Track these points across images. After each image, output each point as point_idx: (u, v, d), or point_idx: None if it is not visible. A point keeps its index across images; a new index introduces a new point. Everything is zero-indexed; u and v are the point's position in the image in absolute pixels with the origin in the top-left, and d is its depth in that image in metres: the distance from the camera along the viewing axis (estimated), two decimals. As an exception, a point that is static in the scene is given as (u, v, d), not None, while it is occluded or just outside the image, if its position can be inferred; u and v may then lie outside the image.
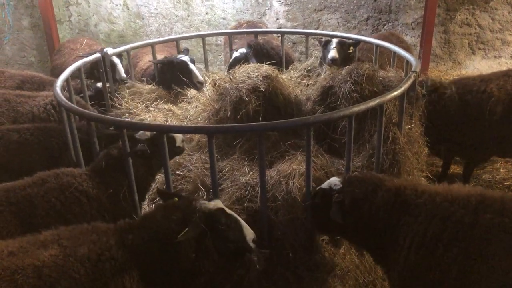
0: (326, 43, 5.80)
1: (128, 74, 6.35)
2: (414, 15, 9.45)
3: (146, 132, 3.77)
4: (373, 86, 4.38)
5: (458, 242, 2.71)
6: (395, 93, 3.74)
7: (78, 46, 7.78)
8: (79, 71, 5.21)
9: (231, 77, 4.58)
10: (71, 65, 5.20)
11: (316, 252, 3.55)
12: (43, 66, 10.48)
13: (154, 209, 3.35)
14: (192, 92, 5.83)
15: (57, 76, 4.75)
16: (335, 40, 5.73)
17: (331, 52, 5.54)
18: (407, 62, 4.82)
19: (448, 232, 2.75)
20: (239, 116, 4.32)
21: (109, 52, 5.89)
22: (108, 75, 5.84)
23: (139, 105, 5.59)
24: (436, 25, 9.27)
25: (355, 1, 9.58)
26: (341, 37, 6.14)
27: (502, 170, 6.13)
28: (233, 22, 9.64)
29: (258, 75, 4.47)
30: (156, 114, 5.34)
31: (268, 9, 9.94)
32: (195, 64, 6.16)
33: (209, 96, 4.90)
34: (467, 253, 2.68)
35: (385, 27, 9.61)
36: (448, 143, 5.44)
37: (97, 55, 5.70)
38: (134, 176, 3.62)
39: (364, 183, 3.14)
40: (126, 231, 2.77)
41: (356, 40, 5.94)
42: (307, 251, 3.50)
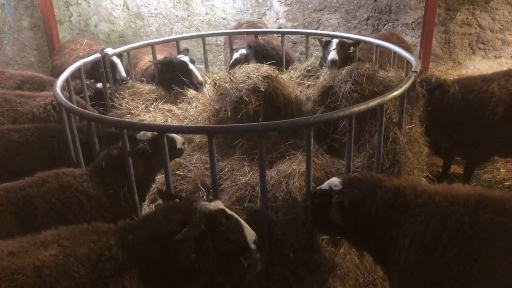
0: (326, 44, 5.79)
1: (128, 74, 6.35)
2: (414, 15, 9.45)
3: (148, 133, 3.77)
4: (373, 86, 4.38)
5: (458, 242, 2.71)
6: (396, 93, 3.74)
7: (78, 46, 7.77)
8: (79, 71, 5.21)
9: (231, 77, 4.58)
10: (71, 65, 5.20)
11: (317, 252, 3.55)
12: (43, 67, 10.48)
13: (154, 209, 3.37)
14: (192, 92, 5.82)
15: (57, 76, 4.75)
16: (335, 41, 5.71)
17: (331, 54, 5.54)
18: (408, 62, 4.82)
19: (448, 232, 2.75)
20: (239, 116, 4.32)
21: (109, 53, 5.89)
22: (108, 75, 5.84)
23: (139, 105, 5.59)
24: (436, 25, 9.27)
25: (355, 1, 9.58)
26: (341, 37, 6.13)
27: (502, 170, 6.12)
28: (233, 22, 9.63)
29: (258, 75, 4.47)
30: (156, 115, 5.34)
31: (268, 9, 9.94)
32: (195, 64, 6.15)
33: (209, 96, 4.90)
34: (467, 253, 2.68)
35: (385, 27, 9.61)
36: (449, 141, 5.44)
37: (97, 55, 5.70)
38: (134, 177, 3.61)
39: (364, 184, 3.15)
40: (126, 231, 2.76)
41: (356, 40, 5.93)
42: (308, 251, 3.49)
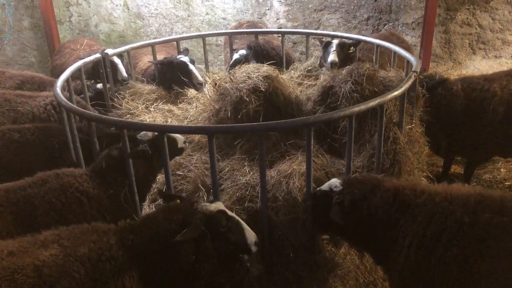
0: (326, 45, 5.76)
1: (129, 74, 6.35)
2: (414, 15, 9.44)
3: (148, 133, 3.76)
4: (373, 86, 4.37)
5: (457, 242, 2.71)
6: (396, 93, 3.74)
7: (79, 46, 7.77)
8: (79, 72, 5.22)
9: (232, 77, 4.58)
10: (71, 65, 5.20)
11: (317, 252, 3.55)
12: (44, 67, 10.48)
13: (155, 210, 3.37)
14: (192, 92, 5.83)
15: (58, 76, 4.75)
16: (335, 42, 5.69)
17: (331, 56, 5.52)
18: (408, 62, 4.82)
19: (448, 232, 2.75)
20: (239, 116, 4.32)
21: (109, 53, 5.89)
22: (108, 76, 5.84)
23: (139, 105, 5.59)
24: (436, 25, 9.27)
25: (355, 1, 9.58)
26: (342, 37, 6.13)
27: (503, 170, 6.12)
28: (234, 22, 9.63)
29: (258, 75, 4.47)
30: (156, 115, 5.34)
31: (268, 9, 9.93)
32: (195, 64, 6.15)
33: (210, 96, 4.90)
34: (467, 253, 2.68)
35: (385, 27, 9.60)
36: (450, 140, 5.43)
37: (97, 56, 5.70)
38: (135, 177, 3.61)
39: (363, 184, 3.16)
40: (127, 231, 2.76)
41: (356, 40, 5.93)
42: (308, 251, 3.49)
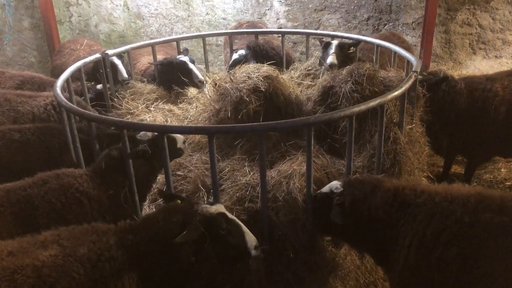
0: (326, 45, 5.71)
1: (129, 74, 6.34)
2: (414, 15, 9.44)
3: (148, 133, 3.76)
4: (373, 86, 4.37)
5: (457, 242, 2.71)
6: (396, 93, 3.74)
7: (79, 46, 7.75)
8: (79, 72, 5.21)
9: (232, 77, 4.57)
10: (71, 65, 5.20)
11: (317, 253, 3.54)
12: (44, 67, 10.48)
13: (155, 210, 3.36)
14: (193, 92, 5.82)
15: (58, 76, 4.75)
16: (334, 43, 5.64)
17: (330, 58, 5.47)
18: (408, 62, 4.81)
19: (448, 232, 2.74)
20: (239, 116, 4.31)
21: (109, 53, 5.88)
22: (108, 76, 5.84)
23: (139, 105, 5.59)
24: (436, 25, 9.26)
25: (355, 1, 9.57)
26: (342, 37, 6.12)
27: (503, 170, 6.11)
28: (234, 22, 9.63)
29: (258, 75, 4.46)
30: (156, 115, 5.33)
31: (268, 9, 9.93)
32: (195, 64, 6.15)
33: (210, 96, 4.90)
34: (467, 253, 2.68)
35: (385, 27, 9.60)
36: (451, 138, 5.42)
37: (97, 56, 5.70)
38: (135, 177, 3.61)
39: (363, 185, 3.17)
40: (126, 232, 2.76)
41: (356, 40, 5.91)
42: (308, 251, 3.49)
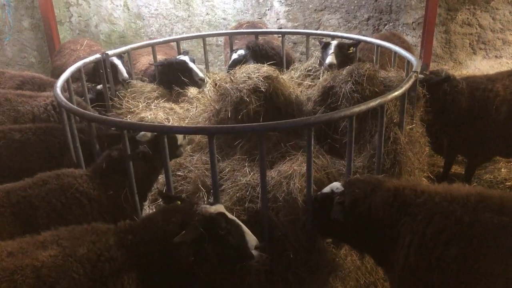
0: (325, 46, 5.71)
1: (130, 74, 6.34)
2: (415, 15, 9.44)
3: (147, 133, 3.75)
4: (374, 86, 4.36)
5: (457, 241, 2.71)
6: (396, 93, 3.74)
7: (79, 47, 7.75)
8: (79, 72, 5.21)
9: (232, 78, 4.57)
10: (71, 66, 5.20)
11: (317, 253, 3.54)
12: (44, 67, 10.48)
13: (155, 211, 3.36)
14: (193, 92, 5.82)
15: (58, 77, 4.75)
16: (333, 43, 5.64)
17: (329, 58, 5.47)
18: (408, 62, 4.81)
19: (448, 231, 2.74)
20: (239, 117, 4.31)
21: (109, 53, 5.88)
22: (108, 76, 5.84)
23: (140, 104, 5.58)
24: (437, 25, 9.26)
25: (355, 1, 9.57)
26: (342, 37, 6.12)
27: (503, 170, 6.11)
28: (234, 23, 9.63)
29: (258, 75, 4.46)
30: (157, 112, 5.32)
31: (268, 10, 9.93)
32: (195, 63, 6.15)
33: (210, 96, 4.90)
34: (467, 252, 2.68)
35: (386, 27, 9.60)
36: (452, 137, 5.42)
37: (97, 56, 5.70)
38: (135, 177, 3.61)
39: (364, 184, 3.19)
40: (126, 232, 2.76)
41: (356, 40, 5.91)
42: (308, 252, 3.49)
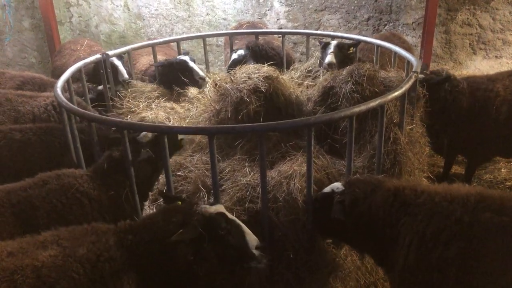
0: (325, 46, 5.70)
1: (130, 75, 6.34)
2: (415, 15, 9.44)
3: (148, 134, 3.76)
4: (374, 87, 4.37)
5: (457, 241, 2.71)
6: (396, 93, 3.74)
7: (79, 47, 7.75)
8: (79, 72, 5.22)
9: (232, 78, 4.57)
10: (71, 66, 5.20)
11: (317, 253, 3.54)
12: (44, 67, 10.48)
13: (155, 211, 3.36)
14: (193, 92, 5.82)
15: (58, 77, 4.75)
16: (333, 43, 5.64)
17: (328, 57, 5.47)
18: (408, 62, 4.81)
19: (448, 231, 2.75)
20: (240, 117, 4.31)
21: (110, 53, 5.89)
22: (109, 77, 5.84)
23: (141, 103, 5.58)
24: (437, 25, 9.26)
25: (355, 2, 9.57)
26: (342, 37, 6.12)
27: (503, 170, 6.11)
28: (234, 23, 9.63)
29: (259, 75, 4.46)
30: (158, 112, 5.32)
31: (268, 10, 9.93)
32: (195, 63, 6.15)
33: (210, 96, 4.90)
34: (467, 252, 2.68)
35: (386, 28, 9.60)
36: (452, 137, 5.42)
37: (97, 56, 5.70)
38: (136, 177, 3.61)
39: (364, 184, 3.19)
40: (126, 232, 2.76)
41: (356, 41, 5.91)
42: (308, 252, 3.49)
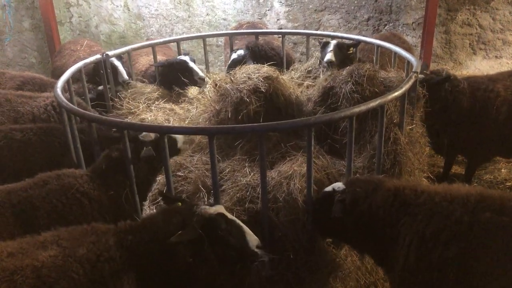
0: (324, 45, 5.70)
1: (130, 75, 6.34)
2: (415, 15, 9.44)
3: (151, 134, 3.75)
4: (374, 87, 4.37)
5: (457, 241, 2.71)
6: (396, 93, 3.74)
7: (79, 47, 7.75)
8: (79, 73, 5.22)
9: (232, 78, 4.57)
10: (71, 66, 5.20)
11: (317, 254, 3.54)
12: (44, 68, 10.48)
13: (155, 212, 3.36)
14: (193, 92, 5.81)
15: (58, 77, 4.75)
16: (333, 42, 5.63)
17: (328, 55, 5.46)
18: (408, 62, 4.81)
19: (447, 231, 2.75)
20: (240, 117, 4.31)
21: (110, 54, 5.89)
22: (109, 77, 5.84)
23: (141, 104, 5.58)
24: (437, 25, 9.26)
25: (355, 2, 9.57)
26: (342, 37, 6.11)
27: (503, 170, 6.11)
28: (234, 23, 9.63)
29: (259, 76, 4.46)
30: (157, 113, 5.33)
31: (269, 10, 9.93)
32: (195, 63, 6.15)
33: (210, 97, 4.90)
34: (466, 252, 2.68)
35: (386, 28, 9.60)
36: (452, 137, 5.42)
37: (97, 56, 5.70)
38: (136, 177, 3.61)
39: (365, 184, 3.20)
40: (126, 232, 2.76)
41: (356, 41, 5.91)
42: (308, 252, 3.49)
